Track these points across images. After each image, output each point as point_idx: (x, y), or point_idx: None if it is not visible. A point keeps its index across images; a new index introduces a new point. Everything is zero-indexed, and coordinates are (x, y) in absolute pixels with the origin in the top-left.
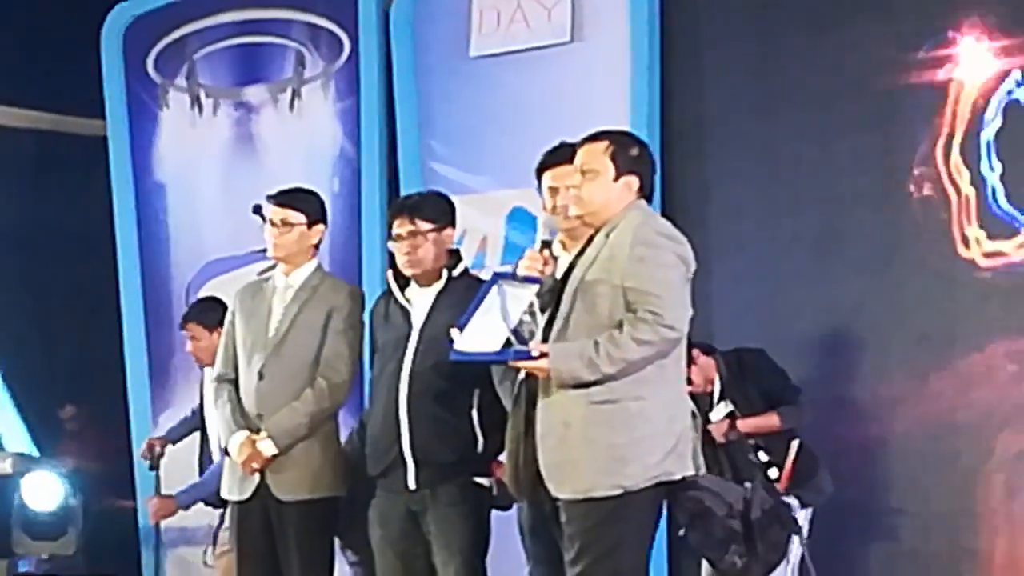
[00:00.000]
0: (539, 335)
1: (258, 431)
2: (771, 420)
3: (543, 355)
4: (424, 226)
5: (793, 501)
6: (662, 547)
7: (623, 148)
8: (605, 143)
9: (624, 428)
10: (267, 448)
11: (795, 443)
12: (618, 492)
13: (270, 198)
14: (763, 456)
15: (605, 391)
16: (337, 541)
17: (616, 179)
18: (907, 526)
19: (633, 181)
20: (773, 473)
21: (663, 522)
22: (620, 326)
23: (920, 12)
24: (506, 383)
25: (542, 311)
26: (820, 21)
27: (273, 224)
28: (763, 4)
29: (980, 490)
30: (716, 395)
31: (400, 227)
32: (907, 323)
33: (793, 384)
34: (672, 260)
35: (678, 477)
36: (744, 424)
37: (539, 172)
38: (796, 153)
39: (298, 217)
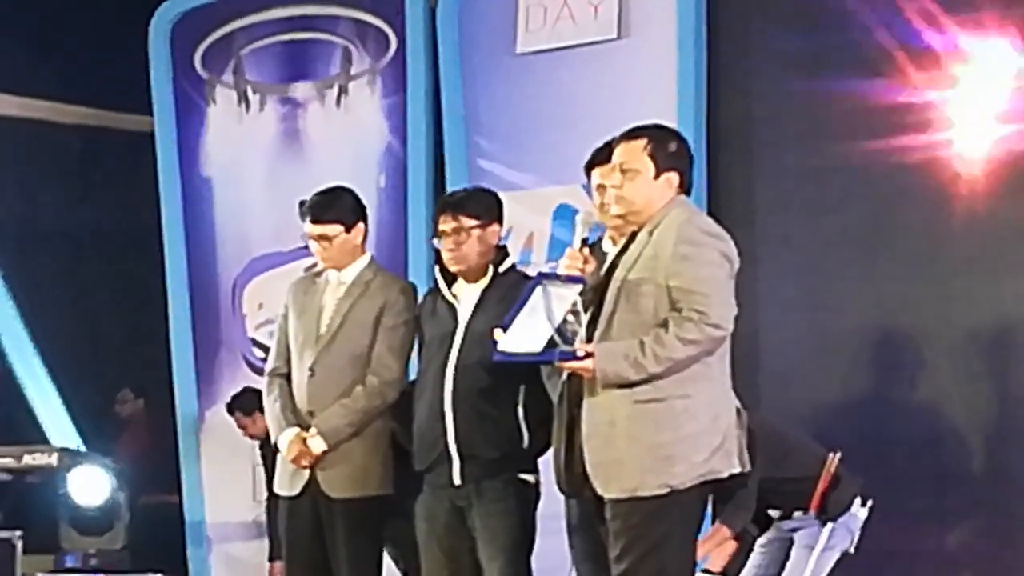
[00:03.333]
0: (582, 334)
1: (308, 427)
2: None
3: (588, 355)
4: (468, 223)
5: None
6: None
7: (662, 144)
8: (643, 140)
9: (670, 427)
10: (317, 445)
11: (835, 457)
12: (665, 491)
13: (303, 215)
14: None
15: (650, 390)
16: None
17: (656, 177)
18: (956, 527)
19: (673, 177)
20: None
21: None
22: (665, 325)
23: None
24: (554, 378)
25: (584, 310)
26: (868, 18)
27: (313, 239)
28: (811, 0)
29: None
30: None
31: (445, 224)
32: (953, 319)
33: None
34: (716, 258)
35: (725, 475)
36: None
37: (588, 169)
38: (843, 150)
39: (335, 228)
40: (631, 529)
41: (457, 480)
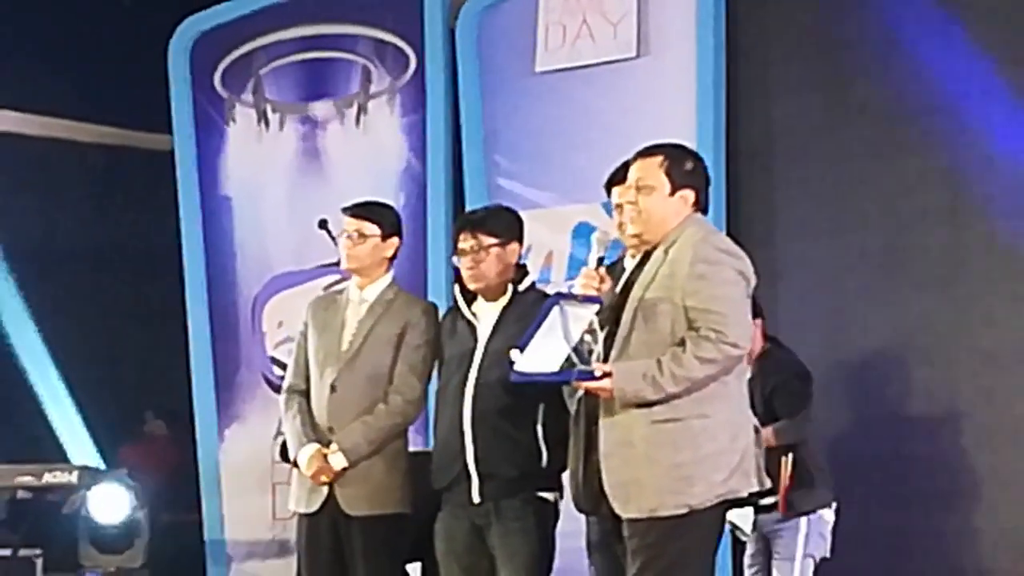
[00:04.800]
0: (599, 353)
1: (328, 444)
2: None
3: (606, 375)
4: (487, 241)
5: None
6: (726, 562)
7: (677, 162)
8: (660, 158)
9: (688, 446)
10: (337, 462)
11: (788, 459)
12: (684, 511)
13: (345, 210)
14: None
15: (667, 410)
16: None
17: (672, 194)
18: (973, 543)
19: (689, 195)
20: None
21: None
22: (682, 344)
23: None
24: (574, 398)
25: (601, 329)
26: (887, 37)
27: (348, 236)
28: (830, 21)
29: None
30: None
31: (464, 242)
32: (973, 341)
33: (802, 393)
34: (733, 276)
35: (744, 494)
36: None
37: (608, 188)
38: (862, 170)
39: (372, 229)
40: (649, 548)
41: (476, 498)
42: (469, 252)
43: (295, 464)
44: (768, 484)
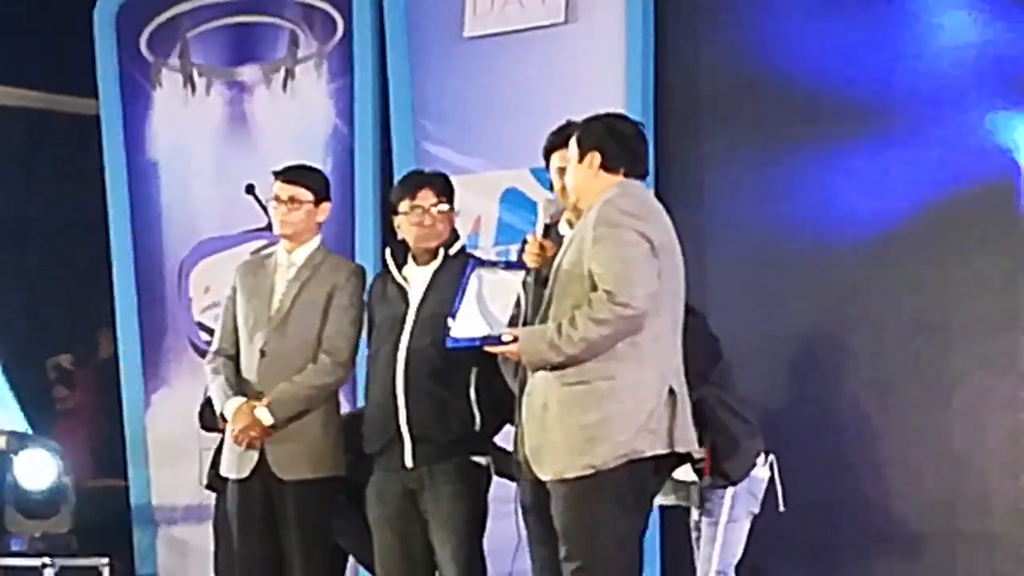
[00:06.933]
0: (523, 317)
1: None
2: None
3: (515, 339)
4: (444, 202)
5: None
6: (654, 535)
7: (585, 128)
8: (574, 134)
9: (595, 408)
10: (264, 417)
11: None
12: (589, 471)
13: (277, 174)
14: None
15: (577, 373)
16: None
17: (581, 160)
18: (901, 509)
19: (595, 156)
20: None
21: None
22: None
23: None
24: (508, 363)
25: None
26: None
27: (280, 201)
28: None
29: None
30: None
31: (424, 199)
32: (902, 308)
33: (711, 356)
34: (632, 238)
35: (648, 455)
36: None
37: (546, 154)
38: (791, 134)
39: (306, 195)
40: (565, 512)
41: (409, 463)
42: (427, 210)
43: (222, 419)
44: (694, 446)
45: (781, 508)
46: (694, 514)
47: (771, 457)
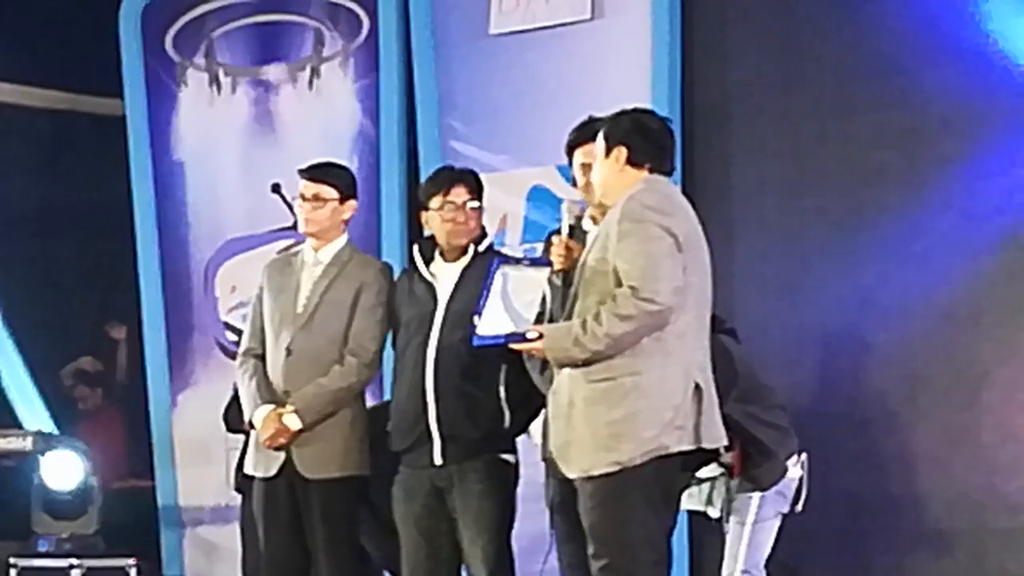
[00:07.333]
0: (550, 314)
1: (284, 406)
2: None
3: (541, 336)
4: (476, 202)
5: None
6: (682, 533)
7: (612, 124)
8: (600, 131)
9: (620, 405)
10: (292, 422)
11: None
12: (615, 469)
13: (302, 172)
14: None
15: (603, 369)
16: None
17: (607, 155)
18: (929, 504)
19: (622, 152)
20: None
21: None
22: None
23: None
24: (534, 360)
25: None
26: None
27: (305, 199)
28: None
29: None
30: None
31: (457, 196)
32: (930, 300)
33: (727, 379)
34: (656, 232)
35: (675, 451)
36: None
37: (570, 150)
38: (819, 129)
39: (331, 192)
40: (592, 511)
41: (438, 460)
42: (461, 206)
43: (250, 426)
44: (722, 442)
45: (799, 508)
46: (714, 512)
47: (803, 456)
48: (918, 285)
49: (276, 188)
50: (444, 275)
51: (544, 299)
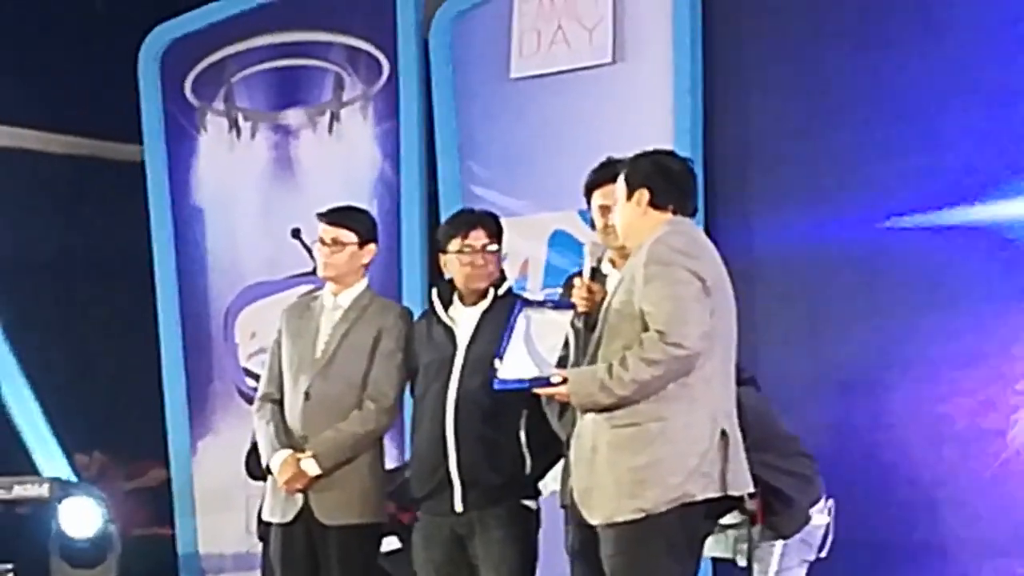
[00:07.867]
0: (572, 359)
1: (302, 451)
2: None
3: (565, 380)
4: (495, 245)
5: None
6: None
7: (632, 165)
8: (621, 172)
9: (645, 451)
10: (310, 468)
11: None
12: (640, 516)
13: (321, 216)
14: None
15: (627, 414)
16: None
17: (629, 198)
18: (957, 553)
19: (644, 194)
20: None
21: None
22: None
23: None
24: (553, 404)
25: (596, 337)
26: (864, 40)
27: (324, 243)
28: (806, 24)
29: None
30: None
31: (476, 239)
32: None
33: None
34: (684, 276)
35: (700, 499)
36: None
37: (588, 192)
38: (842, 174)
39: (350, 236)
40: (615, 557)
41: (459, 507)
42: (479, 250)
43: (267, 471)
44: (748, 489)
45: (823, 554)
46: (742, 561)
47: (830, 502)
48: (942, 334)
49: (296, 233)
50: (463, 319)
51: (567, 342)
